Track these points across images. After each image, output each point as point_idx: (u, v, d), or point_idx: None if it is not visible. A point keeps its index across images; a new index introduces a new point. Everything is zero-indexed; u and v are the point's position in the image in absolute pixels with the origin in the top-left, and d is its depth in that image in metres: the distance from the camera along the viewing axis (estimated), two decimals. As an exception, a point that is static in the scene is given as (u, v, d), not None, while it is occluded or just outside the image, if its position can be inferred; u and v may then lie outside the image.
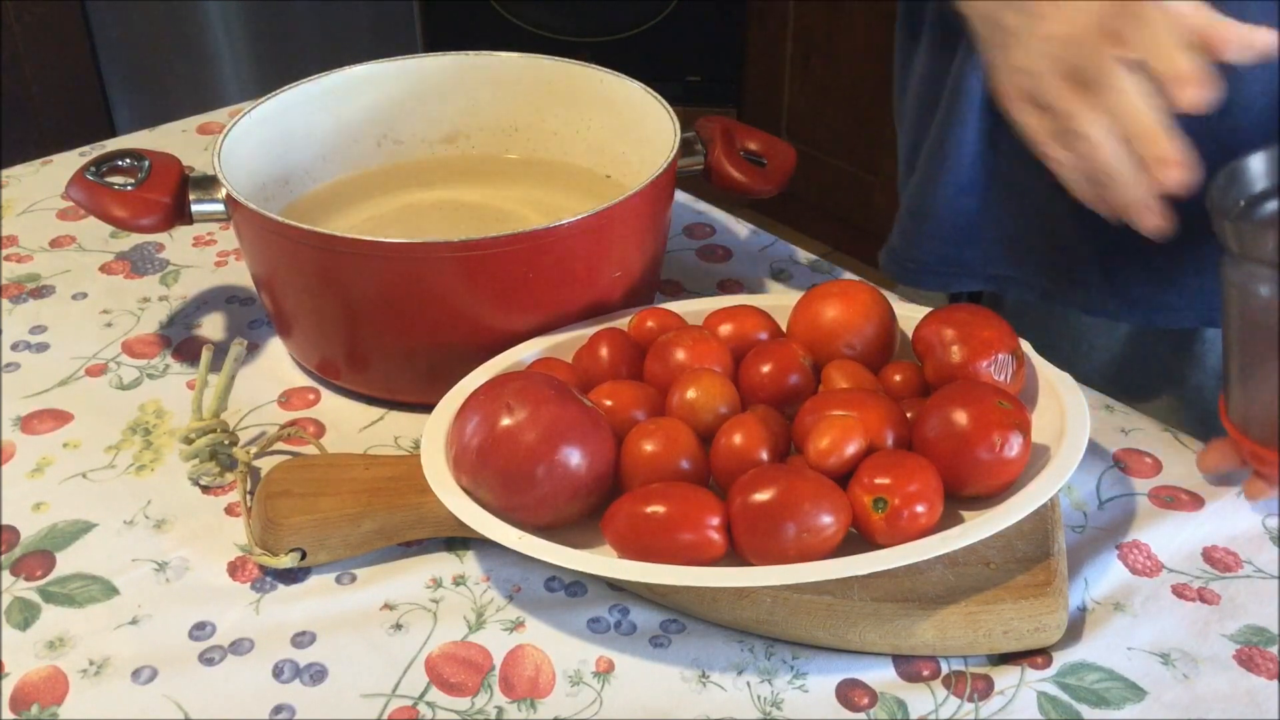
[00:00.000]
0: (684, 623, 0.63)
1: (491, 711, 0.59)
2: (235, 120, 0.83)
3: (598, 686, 0.60)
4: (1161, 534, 0.68)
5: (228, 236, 0.96)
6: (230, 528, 0.69)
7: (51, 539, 0.68)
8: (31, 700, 0.59)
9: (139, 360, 0.83)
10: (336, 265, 0.73)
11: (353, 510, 0.65)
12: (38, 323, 0.86)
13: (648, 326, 0.74)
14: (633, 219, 0.77)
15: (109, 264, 0.93)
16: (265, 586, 0.66)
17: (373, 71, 0.91)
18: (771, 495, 0.60)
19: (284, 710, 0.59)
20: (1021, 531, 0.63)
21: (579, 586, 0.65)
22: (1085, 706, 0.58)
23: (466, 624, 0.63)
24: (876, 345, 0.71)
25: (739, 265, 0.93)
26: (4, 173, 1.06)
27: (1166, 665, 0.60)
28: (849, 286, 0.73)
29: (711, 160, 0.86)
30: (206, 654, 0.62)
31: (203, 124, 1.15)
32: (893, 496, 0.60)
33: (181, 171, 0.79)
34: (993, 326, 0.69)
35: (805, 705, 0.59)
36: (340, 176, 0.92)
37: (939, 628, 0.60)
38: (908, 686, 0.60)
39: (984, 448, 0.62)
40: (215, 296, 0.90)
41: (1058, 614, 0.60)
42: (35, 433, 0.76)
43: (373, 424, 0.77)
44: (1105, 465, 0.73)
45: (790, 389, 0.69)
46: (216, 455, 0.72)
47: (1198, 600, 0.64)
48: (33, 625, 0.63)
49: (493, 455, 0.62)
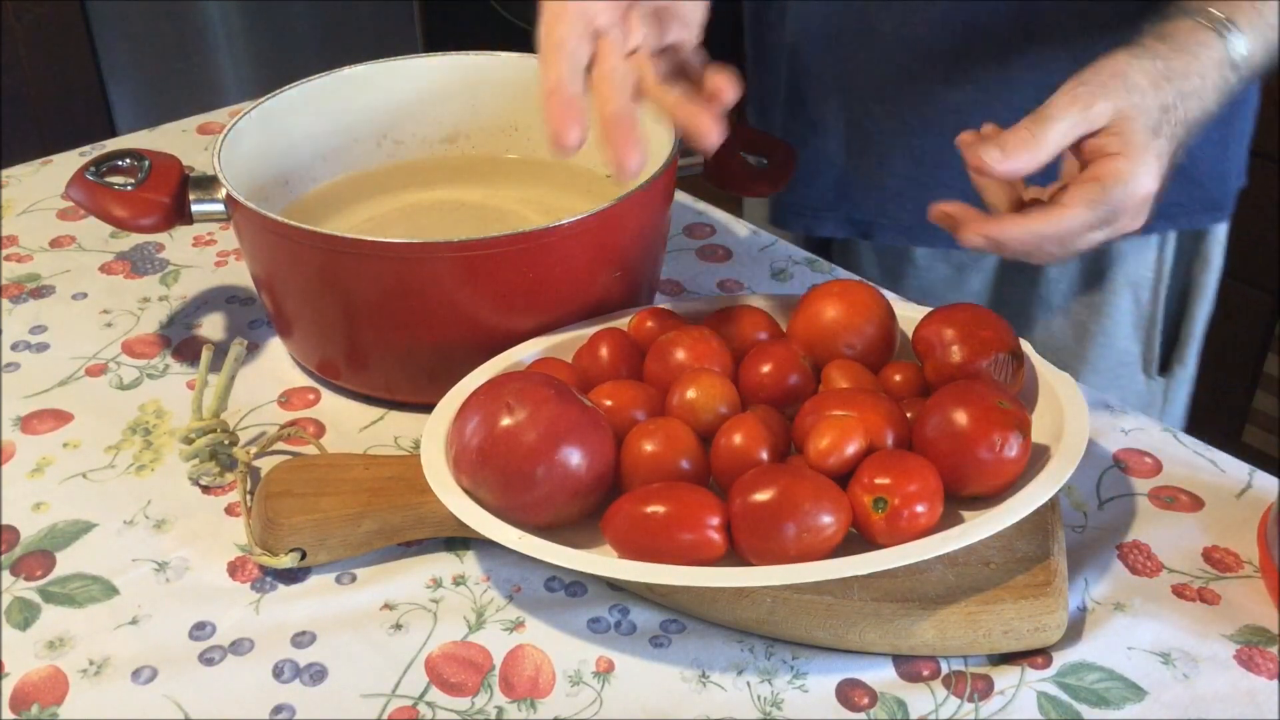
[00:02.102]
0: (684, 623, 0.63)
1: (491, 711, 0.59)
2: (235, 120, 0.83)
3: (598, 686, 0.60)
4: (1161, 534, 0.68)
5: (228, 236, 0.96)
6: (230, 528, 0.69)
7: (51, 539, 0.68)
8: (31, 700, 0.59)
9: (139, 360, 0.83)
10: (336, 265, 0.73)
11: (353, 510, 0.65)
12: (38, 323, 0.86)
13: (648, 326, 0.74)
14: (633, 219, 0.77)
15: (109, 264, 0.93)
16: (265, 586, 0.66)
17: (373, 71, 0.91)
18: (771, 495, 0.60)
19: (284, 710, 0.59)
20: (1021, 531, 0.63)
21: (579, 586, 0.65)
22: (1085, 706, 0.58)
23: (466, 624, 0.63)
24: (876, 345, 0.71)
25: (739, 265, 0.93)
26: (4, 173, 1.06)
27: (1166, 665, 0.60)
28: (849, 286, 0.73)
29: (711, 160, 0.86)
30: (206, 654, 0.62)
31: (203, 124, 1.15)
32: (893, 496, 0.60)
33: (181, 171, 0.79)
34: (993, 326, 0.69)
35: (805, 705, 0.59)
36: (340, 176, 0.92)
37: (939, 628, 0.60)
38: (908, 686, 0.60)
39: (984, 448, 0.62)
40: (215, 296, 0.90)
41: (1058, 614, 0.60)
42: (35, 433, 0.76)
43: (373, 424, 0.77)
44: (1105, 465, 0.73)
45: (790, 389, 0.69)
46: (216, 455, 0.72)
47: (1198, 600, 0.64)
48: (33, 625, 0.63)
49: (493, 455, 0.62)
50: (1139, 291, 0.95)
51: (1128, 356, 0.96)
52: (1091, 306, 0.95)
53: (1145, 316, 0.95)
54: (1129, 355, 0.96)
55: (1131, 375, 0.97)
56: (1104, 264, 0.94)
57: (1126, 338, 0.96)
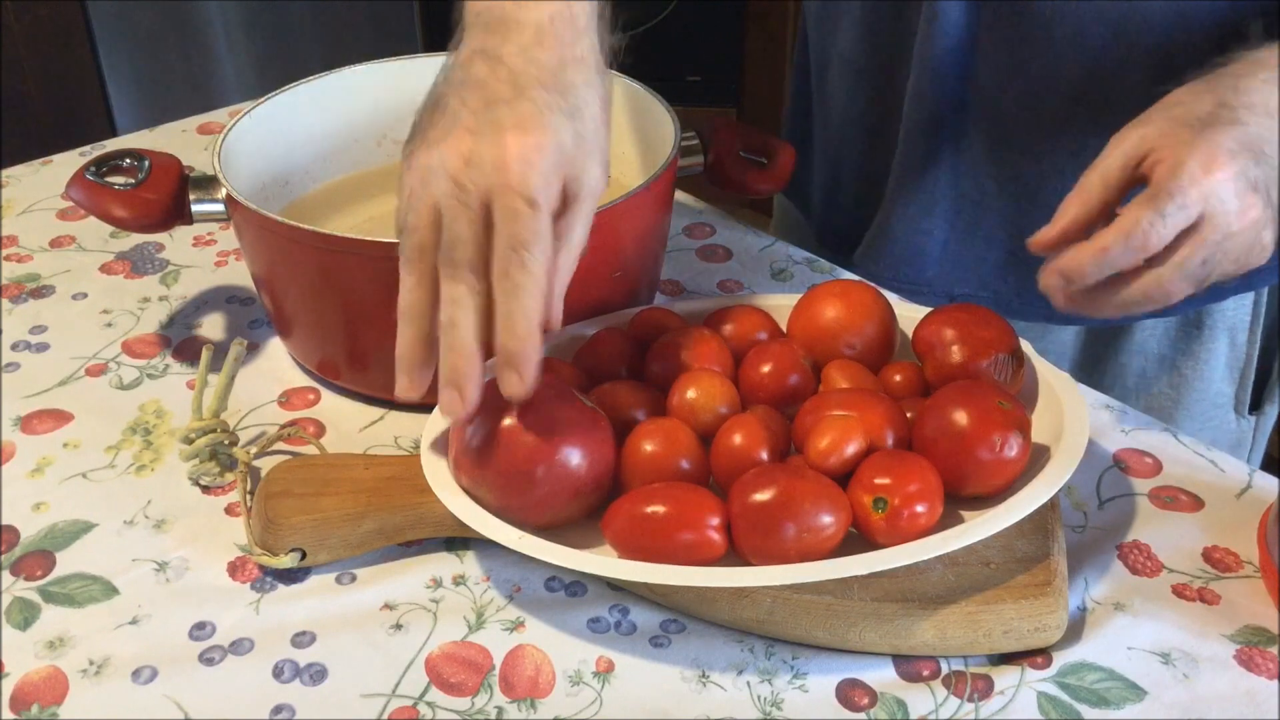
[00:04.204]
0: (684, 623, 0.63)
1: (491, 711, 0.59)
2: (235, 120, 0.83)
3: (598, 686, 0.60)
4: (1161, 534, 0.68)
5: (228, 236, 0.96)
6: (230, 528, 0.69)
7: (51, 539, 0.68)
8: (31, 700, 0.59)
9: (139, 360, 0.83)
10: (336, 265, 0.73)
11: (353, 510, 0.65)
12: (38, 323, 0.86)
13: (648, 326, 0.74)
14: (633, 219, 0.77)
15: (109, 264, 0.93)
16: (265, 586, 0.66)
17: (373, 71, 0.91)
18: (771, 495, 0.60)
19: (284, 710, 0.59)
20: (1021, 531, 0.63)
21: (579, 586, 0.65)
22: (1085, 706, 0.58)
23: (466, 624, 0.63)
24: (876, 345, 0.71)
25: (739, 265, 0.93)
26: (4, 173, 1.06)
27: (1166, 665, 0.60)
28: (849, 286, 0.74)
29: (711, 160, 0.86)
30: (206, 654, 0.62)
31: (203, 124, 1.15)
32: (893, 496, 0.60)
33: (181, 171, 0.79)
34: (993, 326, 0.69)
35: (805, 705, 0.59)
36: (340, 176, 0.92)
37: (939, 628, 0.60)
38: (908, 686, 0.60)
39: (984, 448, 0.62)
40: (215, 296, 0.90)
41: (1058, 614, 0.60)
42: (35, 433, 0.76)
43: (373, 424, 0.77)
44: (1105, 465, 0.73)
45: (790, 389, 0.69)
46: (216, 455, 0.72)
47: (1198, 600, 0.64)
48: (33, 625, 0.63)
49: (493, 455, 0.62)
50: (1235, 335, 0.92)
51: (1221, 398, 0.94)
52: (1188, 353, 0.93)
53: (1240, 358, 0.93)
54: (1222, 397, 0.94)
55: (1224, 416, 0.95)
56: (1202, 309, 0.91)
57: (1221, 379, 0.93)
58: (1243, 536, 0.67)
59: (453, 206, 0.59)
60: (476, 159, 0.59)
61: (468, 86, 0.61)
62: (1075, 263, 0.64)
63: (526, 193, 0.58)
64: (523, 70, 0.60)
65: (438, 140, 0.60)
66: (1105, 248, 0.63)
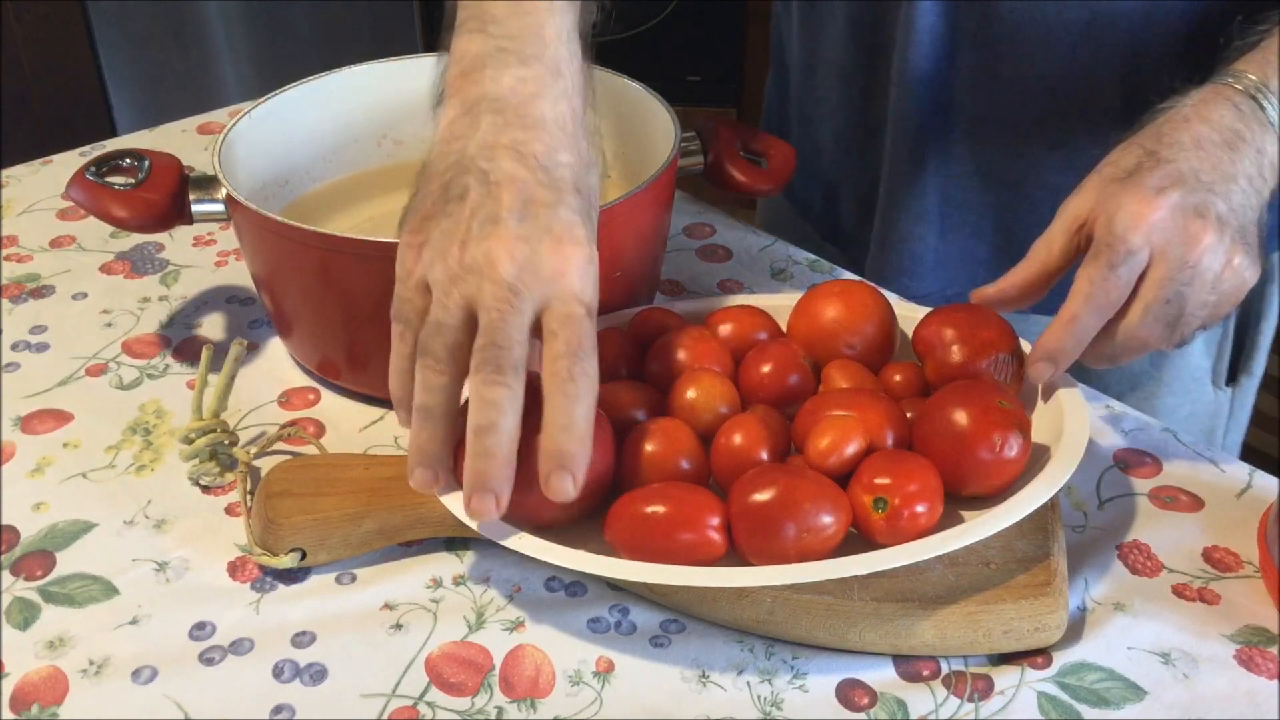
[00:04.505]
0: (684, 623, 0.63)
1: (491, 711, 0.59)
2: (235, 120, 0.83)
3: (598, 686, 0.60)
4: (1161, 534, 0.68)
5: (228, 236, 0.96)
6: (230, 528, 0.69)
7: (51, 539, 0.68)
8: (31, 700, 0.59)
9: (139, 360, 0.83)
10: (336, 265, 0.73)
11: (353, 510, 0.65)
12: (38, 323, 0.86)
13: (648, 327, 0.74)
14: (633, 219, 0.77)
15: (109, 264, 0.93)
16: (265, 586, 0.66)
17: (373, 71, 0.91)
18: (771, 495, 0.60)
19: (284, 710, 0.59)
20: (1021, 531, 0.63)
21: (579, 586, 0.65)
22: (1085, 706, 0.58)
23: (466, 624, 0.63)
24: (876, 345, 0.71)
25: (739, 265, 0.93)
26: (4, 173, 1.06)
27: (1166, 665, 0.60)
28: (849, 286, 0.74)
29: (711, 160, 0.86)
30: (206, 654, 0.62)
31: (203, 124, 1.15)
32: (893, 496, 0.60)
33: (181, 171, 0.79)
34: (993, 326, 0.69)
35: (805, 705, 0.59)
36: (340, 176, 0.92)
37: (939, 628, 0.60)
38: (908, 686, 0.60)
39: (984, 448, 0.62)
40: (215, 296, 0.90)
41: (1058, 614, 0.60)
42: (35, 433, 0.76)
43: (373, 424, 0.77)
44: (1105, 465, 0.73)
45: (790, 389, 0.69)
46: (216, 455, 0.72)
47: (1198, 600, 0.64)
48: (33, 625, 0.63)
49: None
50: None
51: (1199, 372, 0.95)
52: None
53: (1217, 331, 0.94)
54: (1200, 370, 0.95)
55: (1201, 389, 0.96)
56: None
57: (1199, 353, 0.94)
58: (1243, 536, 0.67)
59: (504, 311, 0.58)
60: (532, 265, 0.58)
61: (499, 183, 0.60)
62: (1054, 342, 0.66)
63: (585, 300, 0.59)
64: (557, 174, 0.61)
65: (478, 238, 0.59)
66: (1073, 316, 0.65)
